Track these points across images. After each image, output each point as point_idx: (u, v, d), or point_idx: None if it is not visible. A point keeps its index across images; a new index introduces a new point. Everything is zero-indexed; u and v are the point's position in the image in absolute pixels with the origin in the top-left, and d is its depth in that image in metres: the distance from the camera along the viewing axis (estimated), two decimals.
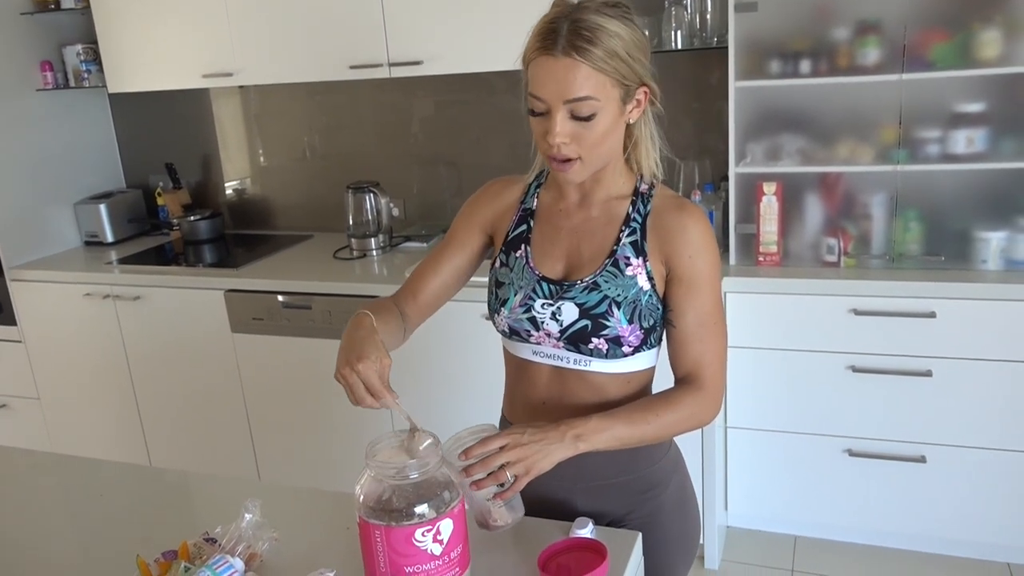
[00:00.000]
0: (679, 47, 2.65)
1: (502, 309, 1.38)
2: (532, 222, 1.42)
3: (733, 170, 2.58)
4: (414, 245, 3.15)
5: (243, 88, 3.46)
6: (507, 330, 1.39)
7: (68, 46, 3.35)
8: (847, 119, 2.52)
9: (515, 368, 1.44)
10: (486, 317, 2.51)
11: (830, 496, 2.66)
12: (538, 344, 1.37)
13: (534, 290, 1.35)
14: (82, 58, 3.33)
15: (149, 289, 3.05)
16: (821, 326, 2.50)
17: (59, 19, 3.35)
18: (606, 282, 1.32)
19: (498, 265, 1.43)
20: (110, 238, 3.50)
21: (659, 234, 1.32)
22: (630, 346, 1.31)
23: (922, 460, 2.52)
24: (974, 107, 2.40)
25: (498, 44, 2.59)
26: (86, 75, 3.34)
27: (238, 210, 3.65)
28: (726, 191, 2.67)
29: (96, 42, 3.18)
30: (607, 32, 1.19)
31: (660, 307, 1.33)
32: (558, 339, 1.33)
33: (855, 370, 2.50)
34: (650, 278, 1.31)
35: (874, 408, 2.52)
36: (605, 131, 1.24)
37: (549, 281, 1.35)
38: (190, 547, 1.25)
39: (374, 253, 3.10)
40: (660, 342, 1.38)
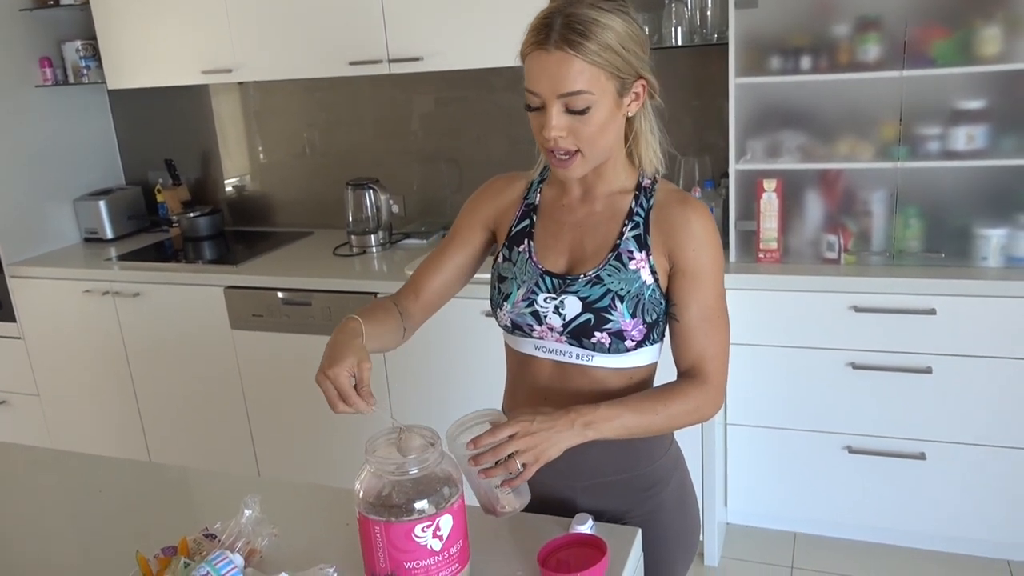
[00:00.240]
0: (679, 43, 2.65)
1: (505, 304, 1.38)
2: (535, 217, 1.42)
3: (733, 167, 2.57)
4: (414, 242, 3.14)
5: (243, 84, 3.45)
6: (509, 325, 1.39)
7: (67, 42, 3.34)
8: (847, 116, 2.52)
9: (517, 363, 1.44)
10: (486, 314, 2.51)
11: (830, 493, 2.66)
12: (540, 339, 1.36)
13: (537, 284, 1.35)
14: (81, 54, 3.33)
15: (149, 286, 3.05)
16: (821, 323, 2.50)
17: (58, 15, 3.35)
18: (609, 276, 1.31)
19: (501, 260, 1.43)
20: (110, 234, 3.50)
21: (662, 228, 1.32)
22: (633, 340, 1.31)
23: (922, 457, 2.52)
24: (974, 104, 2.39)
25: (498, 40, 2.59)
26: (85, 71, 3.34)
27: (238, 207, 3.64)
28: (726, 188, 2.66)
29: (95, 38, 3.18)
30: (600, 25, 1.19)
31: (663, 301, 1.33)
32: (561, 333, 1.33)
33: (855, 367, 2.50)
34: (653, 272, 1.31)
35: (874, 405, 2.52)
36: (601, 124, 1.24)
37: (552, 275, 1.35)
38: (190, 543, 1.25)
39: (374, 250, 3.10)
40: (663, 338, 1.37)
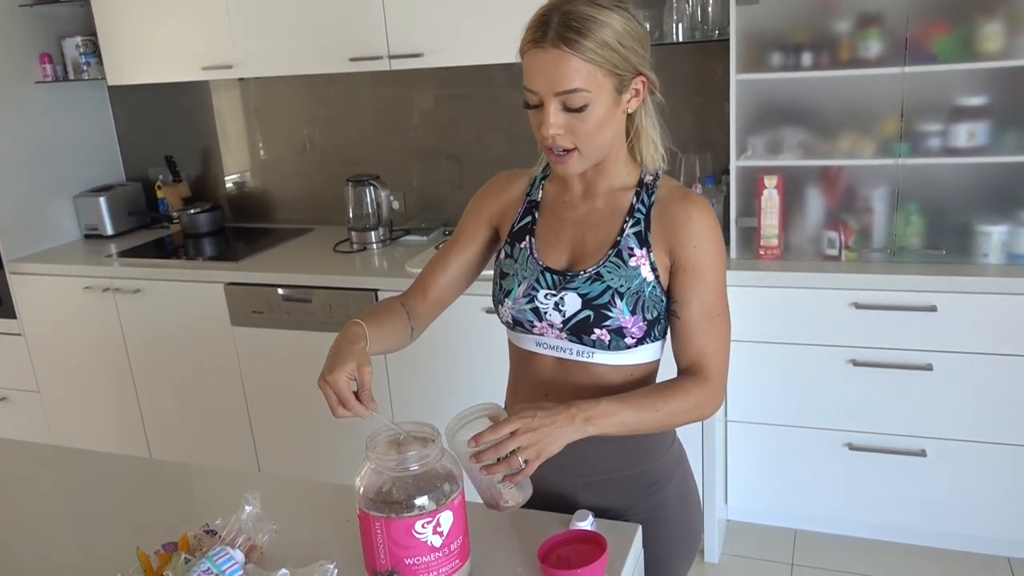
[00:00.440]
0: (680, 40, 2.65)
1: (506, 300, 1.38)
2: (537, 214, 1.42)
3: (734, 163, 2.57)
4: (414, 238, 3.14)
5: (243, 81, 3.45)
6: (511, 321, 1.39)
7: (67, 38, 3.34)
8: (848, 112, 2.51)
9: (519, 360, 1.44)
10: (487, 311, 2.51)
11: (830, 490, 2.66)
12: (541, 335, 1.36)
13: (537, 280, 1.35)
14: (81, 50, 3.33)
15: (149, 282, 3.05)
16: (822, 320, 2.50)
17: (58, 11, 3.34)
18: (609, 273, 1.31)
19: (503, 257, 1.43)
20: (110, 231, 3.49)
21: (663, 224, 1.31)
22: (633, 338, 1.30)
23: (922, 454, 2.52)
24: (976, 100, 2.39)
25: (499, 37, 2.58)
26: (85, 67, 3.33)
27: (238, 203, 3.64)
28: (727, 184, 2.66)
29: (95, 34, 3.17)
30: (597, 22, 1.19)
31: (664, 299, 1.32)
32: (561, 330, 1.33)
33: (856, 364, 2.50)
34: (654, 269, 1.31)
35: (875, 402, 2.52)
36: (599, 122, 1.24)
37: (552, 272, 1.35)
38: (190, 539, 1.25)
39: (374, 246, 3.10)
40: (664, 336, 1.37)
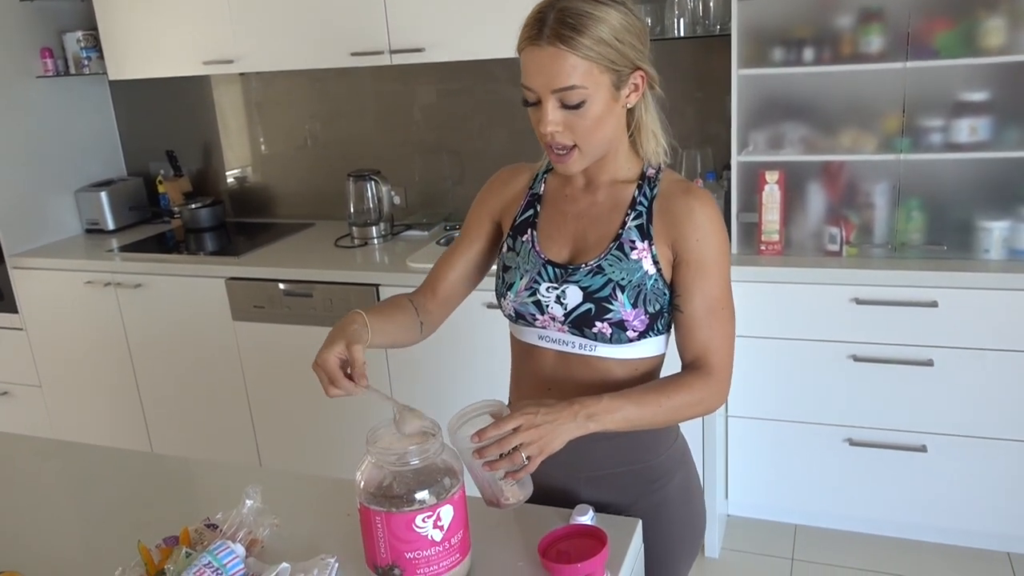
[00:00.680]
0: (682, 35, 2.64)
1: (508, 293, 1.38)
2: (539, 207, 1.42)
3: (735, 158, 2.57)
4: (415, 233, 3.14)
5: (244, 75, 3.45)
6: (513, 314, 1.39)
7: (68, 33, 3.34)
8: (850, 107, 2.51)
9: (521, 353, 1.44)
10: (488, 305, 2.51)
11: (831, 485, 2.66)
12: (543, 328, 1.37)
13: (539, 273, 1.36)
14: (82, 45, 3.32)
15: (150, 277, 3.05)
16: (823, 315, 2.50)
17: (59, 5, 3.34)
18: (610, 266, 1.31)
19: (505, 250, 1.43)
20: (111, 226, 3.49)
21: (665, 218, 1.31)
22: (635, 331, 1.30)
23: (923, 449, 2.52)
24: (978, 96, 2.39)
25: (500, 32, 2.58)
26: (86, 62, 3.33)
27: (239, 198, 3.64)
28: (728, 180, 2.66)
29: (96, 29, 3.17)
30: (594, 18, 1.19)
31: (667, 292, 1.32)
32: (562, 323, 1.33)
33: (856, 359, 2.50)
34: (655, 262, 1.30)
35: (875, 397, 2.52)
36: (598, 118, 1.24)
37: (554, 265, 1.35)
38: (191, 533, 1.25)
39: (375, 241, 3.10)
40: (668, 329, 1.37)
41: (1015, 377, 2.39)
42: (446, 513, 1.12)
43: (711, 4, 2.61)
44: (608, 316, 1.30)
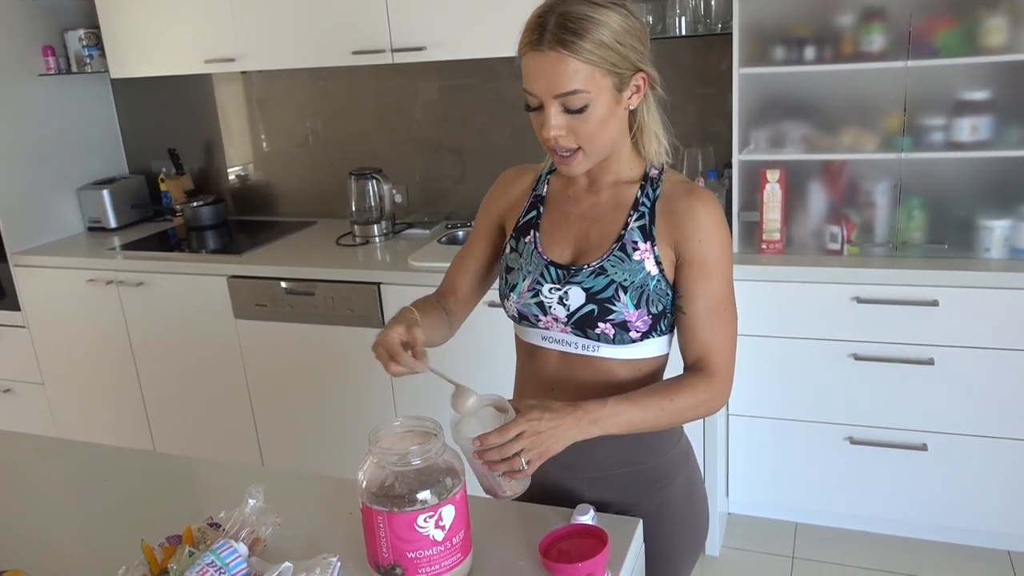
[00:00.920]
0: (683, 33, 2.65)
1: (511, 294, 1.39)
2: (542, 208, 1.42)
3: (736, 157, 2.57)
4: (417, 232, 3.14)
5: (245, 74, 3.45)
6: (516, 315, 1.39)
7: (70, 31, 3.34)
8: (851, 106, 2.51)
9: (525, 354, 1.45)
10: (490, 304, 2.51)
11: (831, 483, 2.66)
12: (546, 329, 1.37)
13: (542, 275, 1.36)
14: (84, 43, 3.32)
15: (152, 275, 3.06)
16: (824, 314, 2.50)
17: (61, 4, 3.34)
18: (613, 267, 1.31)
19: (508, 251, 1.44)
20: (113, 224, 3.50)
21: (668, 219, 1.31)
22: (638, 331, 1.31)
23: (923, 448, 2.52)
24: (979, 95, 2.39)
25: (501, 30, 2.58)
26: (88, 60, 3.33)
27: (241, 196, 3.64)
28: (729, 178, 2.66)
29: (98, 27, 3.17)
30: (594, 22, 1.19)
31: (669, 293, 1.32)
32: (565, 324, 1.34)
33: (857, 358, 2.50)
34: (658, 263, 1.31)
35: (876, 396, 2.53)
36: (600, 121, 1.24)
37: (557, 266, 1.36)
38: (194, 532, 1.26)
39: (377, 240, 3.10)
40: (671, 330, 1.37)
41: (1016, 376, 2.39)
42: (448, 513, 1.12)
43: (712, 3, 2.61)
44: (611, 317, 1.30)
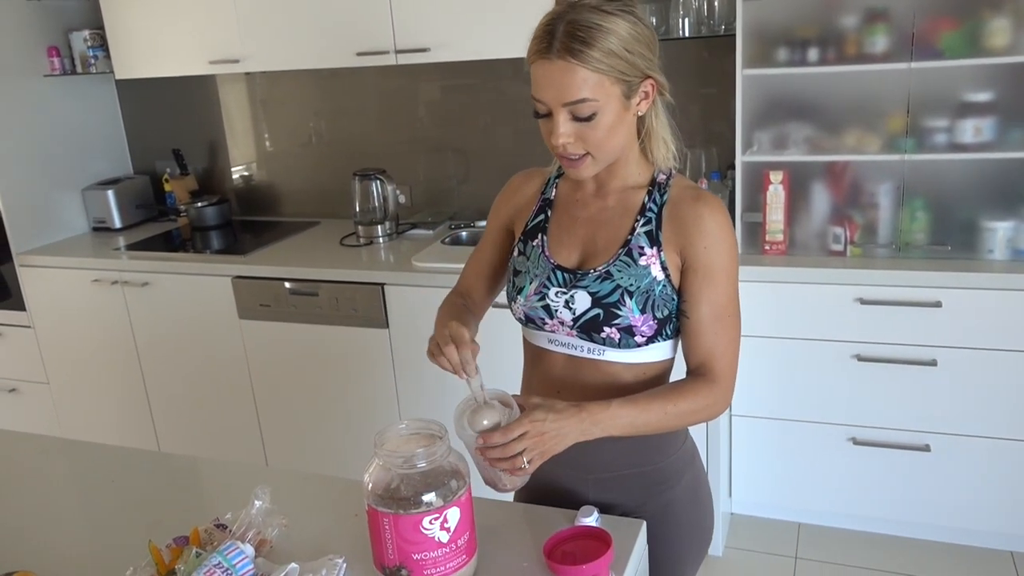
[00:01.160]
0: (686, 35, 2.65)
1: (518, 297, 1.40)
2: (550, 212, 1.43)
3: (740, 158, 2.57)
4: (421, 232, 3.15)
5: (249, 74, 3.45)
6: (523, 318, 1.40)
7: (75, 32, 3.35)
8: (855, 108, 2.51)
9: (532, 356, 1.46)
10: (493, 306, 2.51)
11: (834, 484, 2.67)
12: (552, 332, 1.38)
13: (548, 278, 1.36)
14: (89, 44, 3.33)
15: (157, 275, 3.07)
16: (827, 315, 2.51)
17: (66, 4, 3.35)
18: (619, 271, 1.32)
19: (516, 254, 1.44)
20: (118, 224, 3.51)
21: (675, 224, 1.32)
22: (643, 336, 1.31)
23: (927, 449, 2.53)
24: (982, 96, 2.39)
25: (504, 31, 2.59)
26: (93, 61, 3.34)
27: (245, 196, 3.65)
28: (732, 180, 2.66)
29: (103, 28, 3.18)
30: (603, 30, 1.19)
31: (675, 298, 1.32)
32: (571, 327, 1.34)
33: (860, 359, 2.51)
34: (664, 268, 1.31)
35: (879, 397, 2.53)
36: (609, 128, 1.25)
37: (563, 269, 1.36)
38: (201, 533, 1.26)
39: (380, 240, 3.10)
40: (677, 334, 1.37)
41: (1019, 377, 2.39)
42: (453, 515, 1.13)
43: (716, 4, 2.62)
44: (616, 321, 1.30)
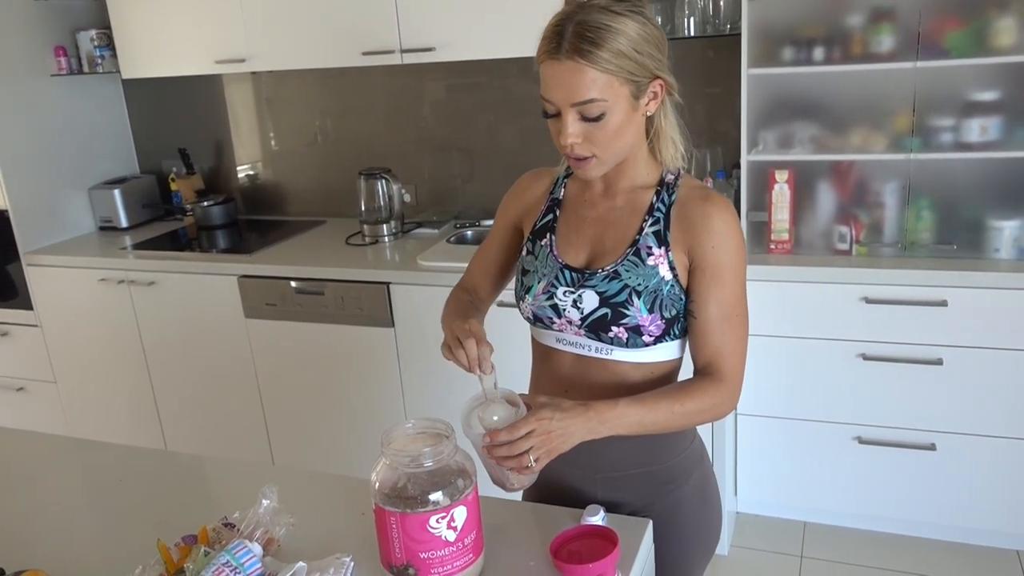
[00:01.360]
0: (692, 34, 2.65)
1: (526, 296, 1.40)
2: (558, 211, 1.43)
3: (745, 158, 2.57)
4: (426, 231, 3.16)
5: (255, 74, 3.46)
6: (531, 317, 1.41)
7: (82, 31, 3.36)
8: (860, 107, 2.51)
9: (540, 355, 1.46)
10: (499, 304, 2.51)
11: (840, 483, 2.67)
12: (560, 331, 1.38)
13: (556, 278, 1.37)
14: (96, 43, 3.34)
15: (163, 274, 3.08)
16: (832, 314, 2.51)
17: (73, 4, 3.36)
18: (627, 271, 1.32)
19: (524, 253, 1.45)
20: (124, 223, 3.52)
21: (683, 224, 1.32)
22: (651, 335, 1.31)
23: (932, 448, 2.53)
24: (988, 95, 2.38)
25: (510, 31, 2.58)
26: (100, 60, 3.35)
27: (251, 196, 3.66)
28: (738, 179, 2.66)
29: (110, 27, 3.19)
30: (612, 31, 1.19)
31: (683, 298, 1.33)
32: (579, 327, 1.35)
33: (866, 358, 2.51)
34: (672, 268, 1.31)
35: (884, 396, 2.53)
36: (617, 128, 1.25)
37: (571, 269, 1.37)
38: (209, 532, 1.27)
39: (386, 239, 3.11)
40: (685, 334, 1.37)
41: None
42: (459, 514, 1.13)
43: (721, 3, 2.61)
44: (624, 321, 1.31)
